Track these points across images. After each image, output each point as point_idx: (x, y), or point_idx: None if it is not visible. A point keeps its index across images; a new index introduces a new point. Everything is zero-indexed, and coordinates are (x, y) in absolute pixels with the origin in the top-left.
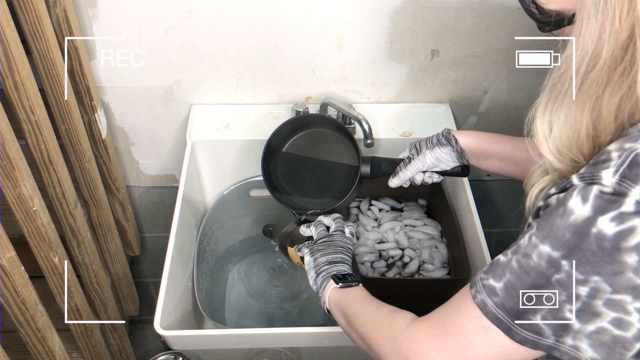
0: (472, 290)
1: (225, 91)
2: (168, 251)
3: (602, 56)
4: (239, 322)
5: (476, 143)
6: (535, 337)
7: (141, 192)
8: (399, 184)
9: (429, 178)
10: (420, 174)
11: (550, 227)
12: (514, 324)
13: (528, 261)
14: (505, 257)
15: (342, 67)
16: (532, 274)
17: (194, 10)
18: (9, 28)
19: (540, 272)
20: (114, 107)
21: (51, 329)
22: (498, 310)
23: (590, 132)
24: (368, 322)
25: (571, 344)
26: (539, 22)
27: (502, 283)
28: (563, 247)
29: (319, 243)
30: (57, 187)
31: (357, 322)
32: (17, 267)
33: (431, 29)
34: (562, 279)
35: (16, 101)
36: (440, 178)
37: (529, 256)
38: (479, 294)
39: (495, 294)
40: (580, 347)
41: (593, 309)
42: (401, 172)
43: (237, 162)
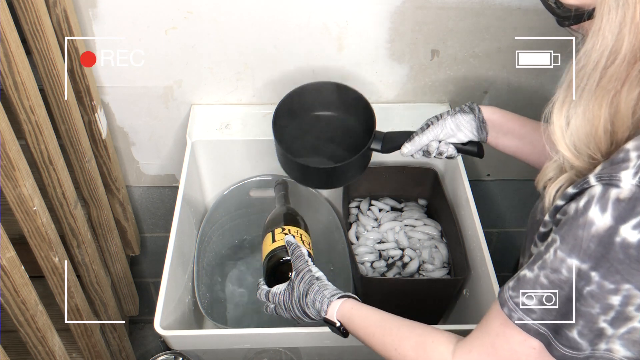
0: (505, 310)
1: (225, 91)
2: (168, 251)
3: (622, 51)
4: (239, 322)
5: (498, 116)
6: (573, 353)
7: (141, 192)
8: (412, 151)
9: (444, 147)
10: (436, 143)
11: (574, 239)
12: (554, 340)
13: (558, 276)
14: (531, 272)
15: (342, 67)
16: (565, 287)
17: (194, 10)
18: (9, 28)
19: (572, 285)
20: (114, 107)
21: (51, 329)
22: (539, 325)
23: (607, 127)
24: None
25: (605, 348)
26: (558, 17)
27: (535, 300)
28: (590, 258)
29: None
30: (57, 187)
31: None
32: (17, 267)
33: (431, 29)
34: (593, 291)
35: (16, 101)
36: (455, 152)
37: (558, 271)
38: (514, 313)
39: (533, 312)
40: (613, 348)
41: (626, 314)
42: (417, 138)
43: (237, 162)
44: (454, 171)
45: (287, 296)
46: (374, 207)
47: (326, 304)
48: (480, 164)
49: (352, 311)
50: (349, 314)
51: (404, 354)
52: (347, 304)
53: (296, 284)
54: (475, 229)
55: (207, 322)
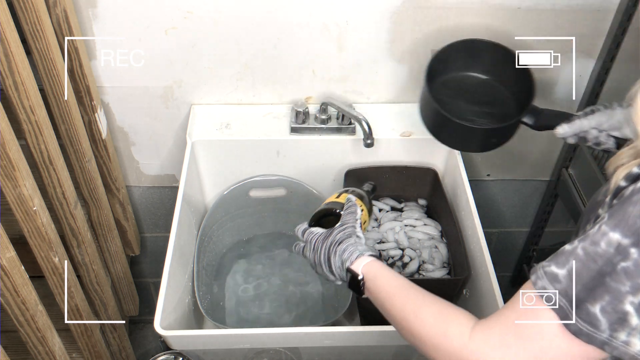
0: (533, 277)
1: (225, 91)
2: (168, 251)
3: None
4: (239, 322)
5: None
6: (590, 330)
7: (141, 192)
8: (569, 133)
9: (605, 138)
10: (596, 131)
11: (623, 215)
12: (572, 312)
13: (596, 248)
14: (571, 245)
15: (342, 67)
16: (599, 261)
17: (194, 10)
18: (9, 28)
19: (608, 259)
20: (114, 107)
21: (51, 329)
22: (560, 296)
23: None
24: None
25: (623, 340)
26: None
27: (565, 270)
28: (634, 234)
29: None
30: (57, 187)
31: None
32: (17, 267)
33: (431, 29)
34: (628, 268)
35: (16, 101)
36: (615, 146)
37: (597, 243)
38: (540, 280)
39: (558, 281)
40: (631, 342)
41: None
42: (577, 121)
43: (237, 162)
44: (454, 171)
45: (321, 238)
46: (374, 207)
47: (355, 255)
48: (480, 164)
49: (379, 270)
50: (375, 272)
51: (422, 320)
52: (376, 263)
53: (335, 232)
54: (475, 229)
55: (207, 322)
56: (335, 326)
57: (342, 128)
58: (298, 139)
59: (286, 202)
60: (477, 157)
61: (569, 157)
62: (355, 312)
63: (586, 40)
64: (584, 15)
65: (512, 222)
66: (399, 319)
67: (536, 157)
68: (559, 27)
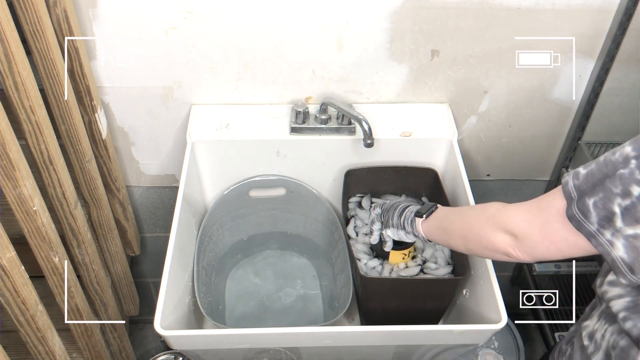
0: (566, 176)
1: (225, 91)
2: (168, 251)
3: None
4: (239, 322)
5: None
6: (581, 218)
7: (141, 192)
8: None
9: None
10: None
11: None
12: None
13: (611, 156)
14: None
15: (342, 67)
16: (609, 166)
17: (194, 10)
18: (9, 28)
19: (614, 165)
20: (114, 107)
21: (51, 329)
22: (573, 189)
23: None
24: (464, 221)
25: (608, 239)
26: None
27: (586, 170)
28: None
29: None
30: (57, 187)
31: (455, 227)
32: (17, 267)
33: (431, 29)
34: (624, 174)
35: (16, 101)
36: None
37: (614, 153)
38: (567, 175)
39: (577, 177)
40: (614, 243)
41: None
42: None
43: (237, 162)
44: (454, 171)
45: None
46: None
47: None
48: (480, 164)
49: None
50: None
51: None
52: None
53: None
54: None
55: (207, 322)
56: (335, 326)
57: (342, 128)
58: (298, 139)
59: (286, 202)
60: (477, 157)
61: (569, 157)
62: (355, 312)
63: (586, 40)
64: (584, 15)
65: None
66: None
67: (536, 157)
68: (559, 27)
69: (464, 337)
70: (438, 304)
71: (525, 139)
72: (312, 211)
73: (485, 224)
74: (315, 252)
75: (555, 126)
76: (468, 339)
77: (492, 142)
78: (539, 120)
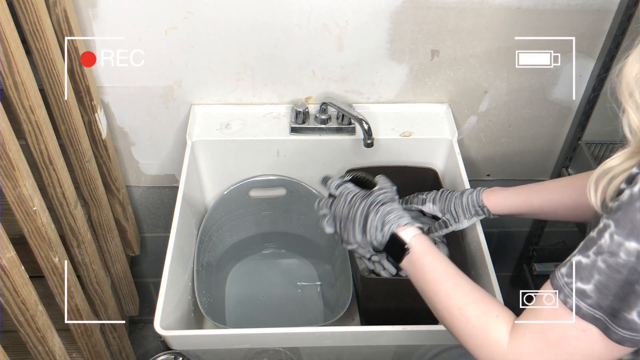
0: (561, 296)
1: (225, 91)
2: (168, 251)
3: None
4: (239, 322)
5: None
6: (632, 335)
7: (141, 192)
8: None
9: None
10: None
11: (632, 223)
12: (611, 323)
13: (616, 259)
14: (587, 258)
15: (342, 67)
16: (624, 271)
17: (194, 10)
18: (9, 28)
19: (632, 267)
20: (114, 107)
21: (51, 329)
22: (595, 310)
23: None
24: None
25: None
26: None
27: (592, 285)
28: None
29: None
30: (57, 187)
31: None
32: (17, 267)
33: (431, 29)
34: None
35: (16, 101)
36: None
37: (616, 254)
38: (569, 299)
39: (587, 296)
40: None
41: None
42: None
43: (237, 162)
44: (454, 171)
45: (360, 194)
46: None
47: (404, 221)
48: (480, 164)
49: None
50: (424, 249)
51: (467, 319)
52: (425, 239)
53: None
54: (475, 229)
55: (207, 322)
56: (335, 326)
57: (342, 128)
58: (298, 139)
59: (286, 202)
60: (477, 157)
61: (569, 157)
62: (355, 312)
63: (586, 40)
64: (584, 15)
65: (512, 222)
66: (440, 308)
67: (536, 157)
68: (559, 27)
69: None
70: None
71: (525, 139)
72: (312, 211)
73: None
74: (315, 252)
75: (555, 126)
76: None
77: (492, 142)
78: (539, 120)
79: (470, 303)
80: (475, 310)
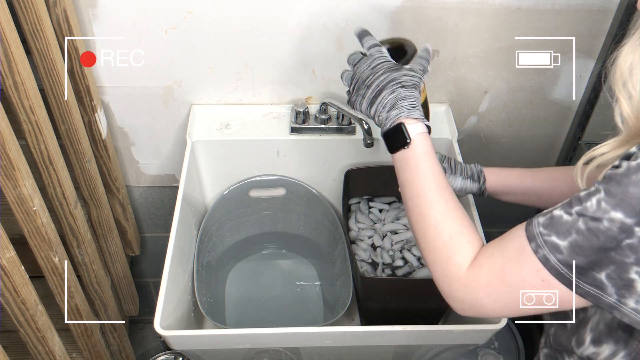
0: (532, 244)
1: (225, 91)
2: (168, 251)
3: None
4: (239, 322)
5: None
6: (597, 292)
7: (141, 192)
8: None
9: None
10: None
11: (623, 194)
12: (577, 279)
13: (598, 225)
14: (569, 216)
15: (342, 67)
16: (602, 237)
17: (194, 10)
18: (9, 28)
19: (611, 236)
20: (114, 107)
21: (51, 329)
22: (561, 266)
23: None
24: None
25: (633, 307)
26: None
27: (567, 242)
28: (637, 215)
29: None
30: (57, 187)
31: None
32: (17, 267)
33: (431, 29)
34: (633, 244)
35: (16, 101)
36: None
37: (599, 220)
38: (541, 249)
39: (559, 252)
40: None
41: None
42: None
43: (237, 162)
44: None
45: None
46: (374, 208)
47: (416, 114)
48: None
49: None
50: (426, 150)
51: (439, 231)
52: (428, 140)
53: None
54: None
55: (207, 322)
56: (335, 326)
57: (342, 128)
58: (298, 139)
59: (286, 202)
60: (477, 157)
61: (569, 157)
62: (355, 312)
63: (586, 40)
64: (584, 15)
65: (512, 222)
66: (417, 214)
67: (536, 157)
68: (559, 27)
69: (464, 337)
70: (438, 304)
71: (525, 139)
72: (312, 211)
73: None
74: (315, 252)
75: (555, 126)
76: (468, 339)
77: (492, 142)
78: (539, 120)
79: (449, 220)
80: (451, 229)
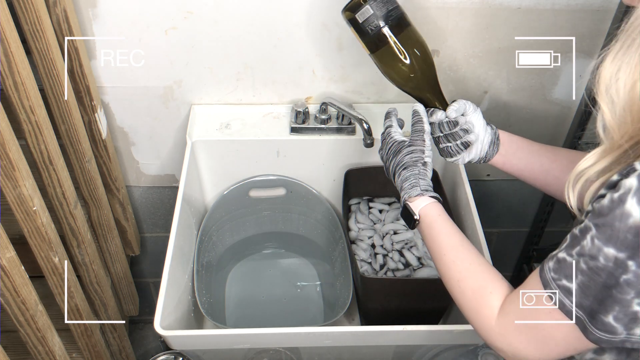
0: (547, 290)
1: (225, 91)
2: (168, 251)
3: None
4: (239, 322)
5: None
6: (609, 337)
7: (141, 192)
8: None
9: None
10: None
11: (611, 229)
12: (589, 324)
13: (596, 263)
14: (571, 257)
15: (342, 67)
16: (603, 275)
17: (194, 10)
18: (9, 28)
19: (610, 272)
20: (114, 107)
21: (51, 329)
22: (577, 309)
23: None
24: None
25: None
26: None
27: (575, 284)
28: (627, 249)
29: None
30: (57, 187)
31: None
32: (17, 267)
33: (431, 29)
34: (629, 279)
35: (16, 101)
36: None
37: (595, 258)
38: (555, 296)
39: (571, 294)
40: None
41: None
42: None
43: (237, 162)
44: (454, 171)
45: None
46: (374, 209)
47: (416, 192)
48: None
49: (437, 219)
50: (432, 219)
51: (463, 291)
52: (435, 208)
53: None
54: (475, 229)
55: (207, 322)
56: (335, 326)
57: (342, 128)
58: (298, 139)
59: (286, 202)
60: None
61: None
62: (355, 312)
63: (586, 40)
64: (584, 15)
65: (512, 222)
66: (443, 274)
67: None
68: (559, 27)
69: (464, 337)
70: (438, 304)
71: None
72: (312, 211)
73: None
74: (315, 252)
75: (555, 126)
76: (468, 339)
77: None
78: (539, 120)
79: (468, 277)
80: (472, 285)
